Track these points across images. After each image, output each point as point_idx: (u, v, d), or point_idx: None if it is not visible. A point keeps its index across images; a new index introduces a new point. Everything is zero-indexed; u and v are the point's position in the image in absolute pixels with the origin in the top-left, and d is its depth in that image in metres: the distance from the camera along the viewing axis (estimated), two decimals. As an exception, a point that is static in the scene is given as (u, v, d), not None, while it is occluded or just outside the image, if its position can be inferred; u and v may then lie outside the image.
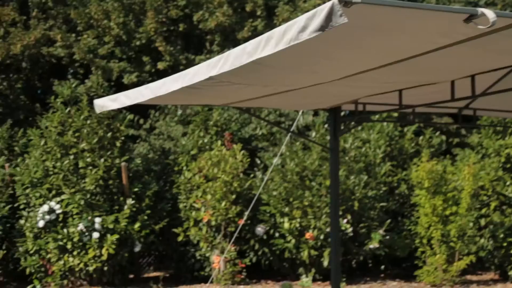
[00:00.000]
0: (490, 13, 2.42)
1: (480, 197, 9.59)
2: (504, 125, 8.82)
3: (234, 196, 9.36)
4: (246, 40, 12.38)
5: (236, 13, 12.73)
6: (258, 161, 10.33)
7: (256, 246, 9.60)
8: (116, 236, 8.98)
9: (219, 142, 9.93)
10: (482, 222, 9.48)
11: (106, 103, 4.91)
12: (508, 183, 9.61)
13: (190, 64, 11.85)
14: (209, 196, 9.35)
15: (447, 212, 9.18)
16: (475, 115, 6.93)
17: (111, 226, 9.00)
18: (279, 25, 2.68)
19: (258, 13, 12.59)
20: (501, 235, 9.31)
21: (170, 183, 10.14)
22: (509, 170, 9.84)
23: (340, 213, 9.17)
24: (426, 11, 2.54)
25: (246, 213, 8.65)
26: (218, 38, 12.50)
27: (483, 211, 9.56)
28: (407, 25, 2.78)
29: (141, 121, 11.97)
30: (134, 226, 9.17)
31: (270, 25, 12.31)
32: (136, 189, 9.44)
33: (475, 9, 2.50)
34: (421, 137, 11.01)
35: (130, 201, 9.28)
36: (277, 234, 9.52)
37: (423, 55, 3.52)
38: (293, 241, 9.31)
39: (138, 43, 12.37)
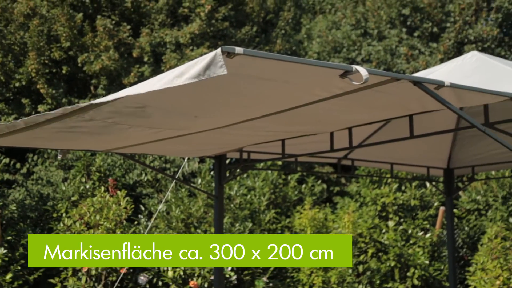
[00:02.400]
0: (363, 70, 2.57)
1: (358, 244, 9.97)
2: (379, 175, 9.31)
3: (116, 244, 9.07)
4: (132, 85, 12.28)
5: (123, 58, 12.62)
6: (143, 208, 10.12)
7: (138, 296, 9.30)
8: (-15, 288, 8.35)
9: (102, 188, 9.65)
10: (360, 268, 9.83)
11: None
12: (383, 230, 10.08)
13: (73, 107, 11.48)
14: (89, 245, 8.99)
15: (328, 259, 9.44)
16: (353, 165, 7.28)
17: (-21, 277, 8.36)
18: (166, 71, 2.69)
19: (145, 59, 12.57)
20: (378, 281, 9.69)
21: (48, 231, 9.64)
22: (384, 218, 10.34)
23: (225, 260, 9.15)
24: (305, 66, 2.65)
25: (128, 262, 8.38)
26: (104, 81, 12.29)
27: (361, 257, 9.92)
28: (288, 77, 2.89)
29: (18, 165, 11.37)
30: (5, 277, 8.57)
31: (157, 71, 12.33)
32: (9, 237, 8.89)
33: (350, 66, 2.65)
34: (304, 185, 11.34)
35: (2, 251, 8.70)
36: (160, 283, 9.29)
37: (304, 107, 3.66)
38: (177, 290, 9.12)
39: (17, 84, 11.86)
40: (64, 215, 9.52)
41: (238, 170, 6.74)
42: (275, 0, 15.71)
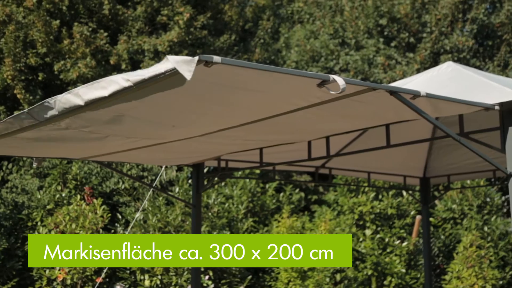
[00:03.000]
0: (340, 80, 2.59)
1: (336, 252, 10.01)
2: (357, 184, 9.37)
3: (92, 253, 8.97)
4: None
5: (100, 65, 12.53)
6: (120, 216, 10.02)
7: (114, 306, 9.20)
8: (-43, 298, 8.19)
9: (78, 197, 9.55)
10: (338, 277, 9.85)
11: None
12: (361, 239, 10.12)
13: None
14: (64, 254, 8.88)
15: (306, 268, 9.45)
16: (331, 174, 7.31)
17: (-49, 287, 8.21)
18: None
19: (123, 66, 12.50)
20: (355, 289, 9.73)
21: (22, 240, 9.49)
22: (362, 226, 10.39)
23: (202, 269, 9.10)
24: (283, 75, 2.66)
25: (105, 270, 8.30)
26: (81, 89, 12.17)
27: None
28: (266, 86, 2.90)
29: (-8, 173, 11.20)
30: (-22, 287, 8.43)
31: (135, 79, 12.23)
32: (-17, 247, 8.73)
33: (328, 75, 2.66)
34: (281, 194, 11.35)
35: (-25, 260, 8.55)
36: (136, 293, 9.21)
37: (282, 115, 3.67)
38: (153, 299, 9.04)
39: (-8, 90, 11.71)
40: (39, 223, 9.39)
41: (216, 179, 6.73)
42: (254, 9, 15.76)
